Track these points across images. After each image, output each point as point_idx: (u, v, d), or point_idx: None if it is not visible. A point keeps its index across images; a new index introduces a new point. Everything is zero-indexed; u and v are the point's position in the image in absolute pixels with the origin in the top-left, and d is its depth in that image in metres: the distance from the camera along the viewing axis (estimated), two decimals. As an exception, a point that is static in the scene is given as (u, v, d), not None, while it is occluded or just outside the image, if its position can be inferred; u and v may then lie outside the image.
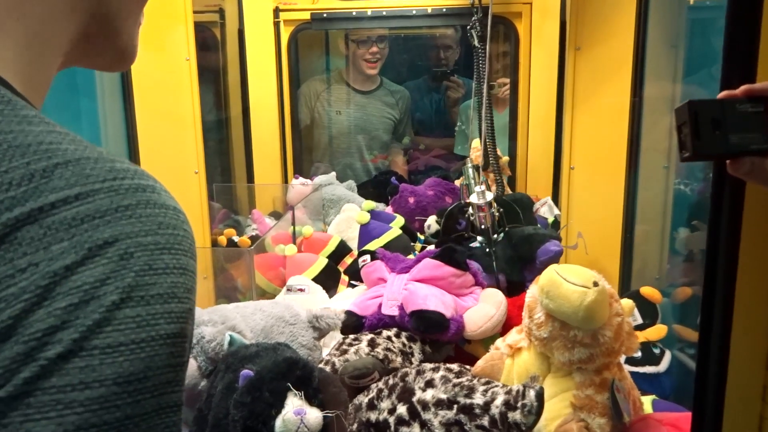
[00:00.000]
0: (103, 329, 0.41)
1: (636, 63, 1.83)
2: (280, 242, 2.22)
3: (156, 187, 0.47)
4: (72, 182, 0.43)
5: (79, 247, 0.41)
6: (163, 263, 0.44)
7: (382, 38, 3.19)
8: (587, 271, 1.17)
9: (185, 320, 0.46)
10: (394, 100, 3.36)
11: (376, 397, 1.27)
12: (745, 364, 0.90)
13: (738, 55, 0.81)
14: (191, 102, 2.07)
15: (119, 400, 0.41)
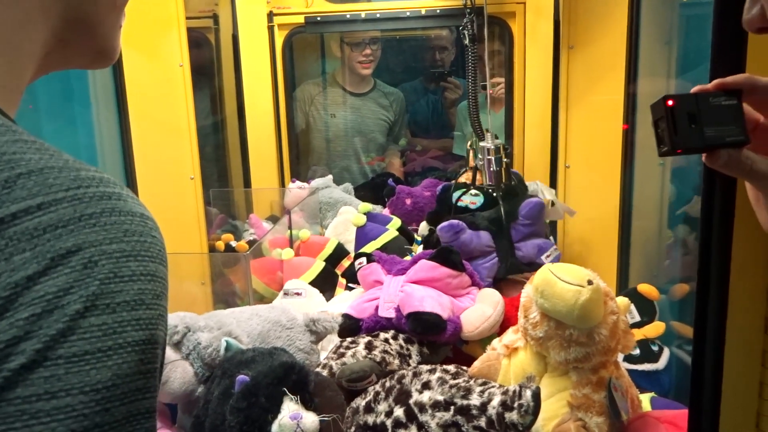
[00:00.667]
0: (67, 338, 0.41)
1: (629, 61, 1.83)
2: (278, 246, 2.22)
3: (122, 194, 0.47)
4: (34, 192, 0.43)
5: (42, 257, 0.41)
6: (129, 270, 0.44)
7: (375, 40, 3.20)
8: (582, 270, 1.17)
9: (155, 326, 0.45)
10: (388, 102, 3.36)
11: (373, 400, 1.27)
12: (741, 360, 0.89)
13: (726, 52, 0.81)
14: (186, 108, 2.07)
15: (87, 409, 0.40)
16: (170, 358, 1.32)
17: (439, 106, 3.63)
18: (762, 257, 0.87)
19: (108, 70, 1.99)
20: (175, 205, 2.10)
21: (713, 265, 0.87)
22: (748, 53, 0.79)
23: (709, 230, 0.87)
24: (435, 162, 3.52)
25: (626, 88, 1.84)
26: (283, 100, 3.05)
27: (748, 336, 0.89)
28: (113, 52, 0.61)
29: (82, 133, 2.02)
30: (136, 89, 2.00)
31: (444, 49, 3.51)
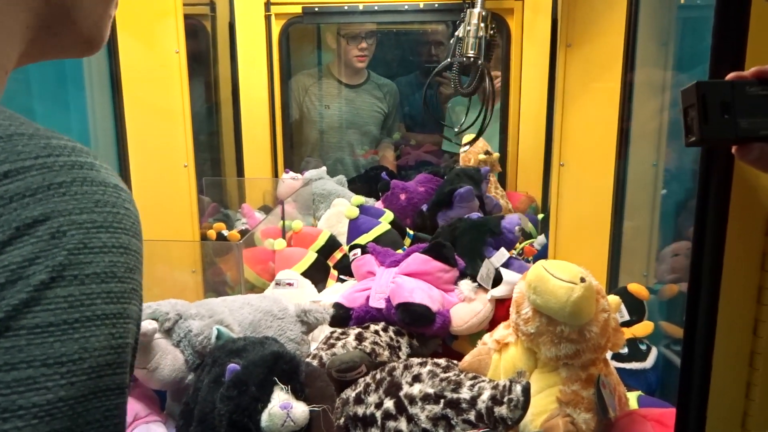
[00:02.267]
0: (31, 309, 0.40)
1: (626, 60, 1.83)
2: (270, 236, 2.22)
3: (95, 164, 0.46)
4: (1, 159, 0.41)
5: (7, 226, 0.40)
6: (100, 242, 0.43)
7: (371, 33, 3.20)
8: (574, 267, 1.18)
9: (127, 300, 0.44)
10: (382, 94, 3.36)
11: (364, 391, 1.27)
12: (730, 360, 0.90)
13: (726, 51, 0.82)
14: (181, 95, 2.05)
15: (50, 382, 0.39)
16: (161, 345, 1.32)
17: (434, 100, 3.63)
18: (753, 259, 0.88)
19: (103, 55, 1.98)
20: (168, 192, 2.09)
21: (705, 265, 0.88)
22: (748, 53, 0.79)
23: (702, 231, 0.88)
24: (429, 156, 3.52)
25: (623, 87, 1.84)
26: (278, 90, 3.04)
27: (738, 337, 0.90)
28: (99, 41, 0.59)
29: (76, 118, 2.01)
30: (132, 75, 1.98)
31: (440, 44, 3.51)
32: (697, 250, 0.88)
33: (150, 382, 1.34)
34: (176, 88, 2.05)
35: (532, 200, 2.83)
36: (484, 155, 2.77)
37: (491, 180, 2.68)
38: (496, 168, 2.86)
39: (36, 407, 0.39)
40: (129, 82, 1.98)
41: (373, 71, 3.38)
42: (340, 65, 3.31)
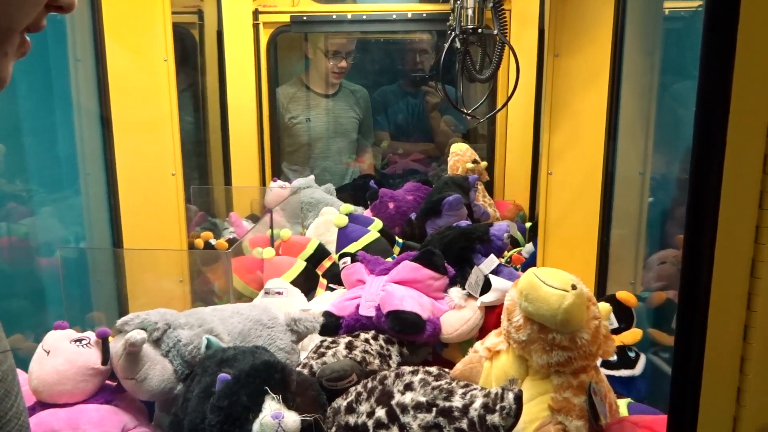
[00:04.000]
0: None
1: (613, 71, 1.85)
2: (258, 245, 2.21)
3: None
4: None
5: None
6: None
7: (351, 53, 3.25)
8: (566, 275, 1.18)
9: None
10: (355, 99, 3.42)
11: (355, 400, 1.26)
12: (721, 366, 0.91)
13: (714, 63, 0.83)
14: (169, 103, 2.04)
15: None
16: (149, 356, 1.31)
17: (420, 109, 3.65)
18: (743, 266, 0.88)
19: (91, 63, 1.97)
20: (156, 201, 2.08)
21: (696, 273, 0.89)
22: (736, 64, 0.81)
23: (693, 238, 0.88)
24: (416, 165, 3.54)
25: (609, 97, 1.86)
26: (266, 99, 3.04)
27: (728, 343, 0.91)
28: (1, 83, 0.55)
29: (62, 127, 1.99)
30: (119, 83, 1.97)
31: (424, 52, 3.53)
32: (688, 257, 0.89)
33: (138, 393, 1.32)
34: (164, 96, 2.04)
35: (520, 209, 2.84)
36: (472, 164, 2.78)
37: (479, 188, 2.69)
38: (484, 176, 2.88)
39: None
40: (117, 90, 1.96)
41: (356, 78, 3.42)
42: (315, 76, 3.33)
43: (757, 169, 0.84)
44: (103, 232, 2.05)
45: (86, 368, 1.28)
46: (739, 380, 0.92)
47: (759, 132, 0.83)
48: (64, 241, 2.04)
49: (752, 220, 0.87)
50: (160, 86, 2.04)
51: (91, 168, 2.02)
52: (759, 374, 0.90)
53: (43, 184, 1.97)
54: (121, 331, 1.33)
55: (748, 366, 0.91)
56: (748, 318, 0.90)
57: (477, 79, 2.17)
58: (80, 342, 1.31)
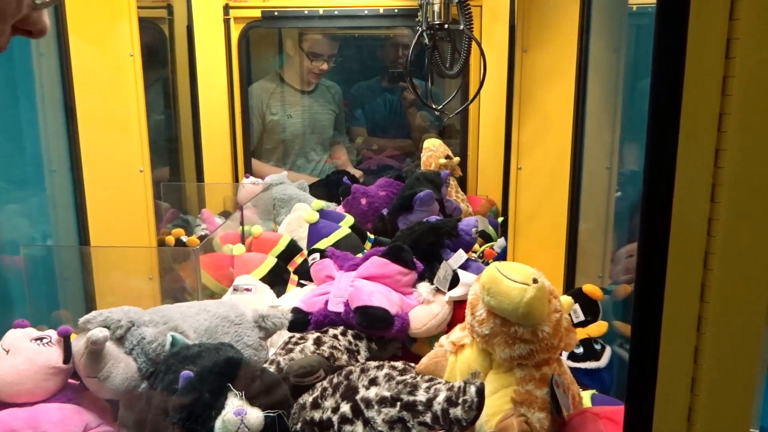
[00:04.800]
0: None
1: (579, 66, 1.87)
2: (229, 242, 2.19)
3: None
4: None
5: None
6: None
7: (333, 55, 3.24)
8: (527, 269, 1.19)
9: None
10: (331, 95, 3.42)
11: (320, 396, 1.27)
12: (675, 357, 0.93)
13: (666, 58, 0.84)
14: (136, 99, 2.02)
15: None
16: (112, 354, 1.29)
17: (397, 105, 3.65)
18: (696, 259, 0.90)
19: (54, 58, 1.93)
20: (124, 198, 2.05)
21: (650, 266, 0.90)
22: (687, 62, 0.82)
23: (647, 231, 0.90)
24: (391, 161, 3.54)
25: (576, 92, 1.88)
26: (238, 95, 3.01)
27: (682, 334, 0.92)
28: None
29: (27, 123, 1.96)
30: (84, 79, 1.94)
31: (402, 48, 3.53)
32: (642, 251, 0.90)
33: (101, 392, 1.31)
34: (131, 91, 2.01)
35: (493, 203, 2.86)
36: (445, 159, 2.79)
37: (452, 184, 2.70)
38: (457, 172, 2.89)
39: None
40: (82, 85, 1.93)
41: (331, 74, 3.41)
42: (292, 72, 3.32)
43: (708, 162, 0.86)
44: (70, 229, 2.02)
45: (47, 367, 1.27)
46: (693, 371, 0.94)
47: (710, 127, 0.84)
48: (31, 239, 2.01)
49: (705, 212, 0.89)
50: (127, 81, 2.01)
51: (56, 165, 1.99)
52: (712, 364, 0.92)
53: (7, 182, 1.93)
54: (84, 330, 1.31)
55: (701, 357, 0.93)
56: (701, 309, 0.92)
57: (446, 74, 2.17)
58: (41, 341, 1.29)
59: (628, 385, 0.95)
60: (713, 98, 0.82)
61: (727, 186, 0.84)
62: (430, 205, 2.33)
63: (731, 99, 0.81)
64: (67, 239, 2.02)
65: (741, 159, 0.82)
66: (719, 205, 0.86)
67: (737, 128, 0.81)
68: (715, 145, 0.84)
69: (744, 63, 0.79)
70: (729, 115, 0.82)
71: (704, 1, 0.81)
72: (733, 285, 0.87)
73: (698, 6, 0.81)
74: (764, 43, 0.78)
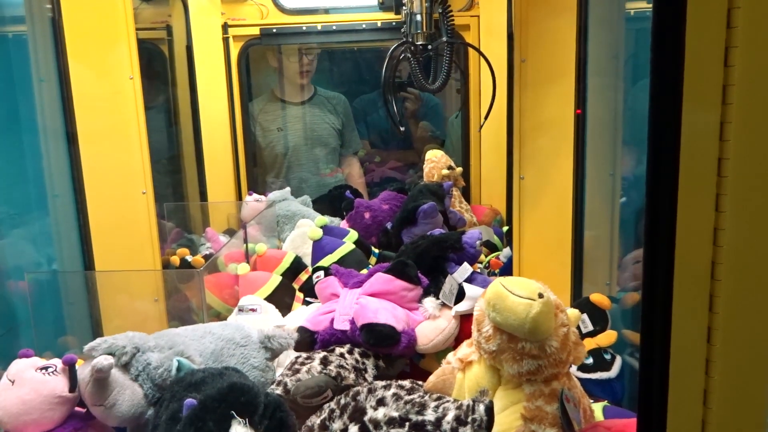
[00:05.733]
0: None
1: (578, 74, 1.86)
2: (234, 261, 2.19)
3: None
4: None
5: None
6: None
7: (311, 50, 3.22)
8: (532, 283, 1.18)
9: None
10: (332, 106, 3.36)
11: (328, 417, 1.25)
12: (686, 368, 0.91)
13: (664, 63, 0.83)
14: (136, 121, 2.02)
15: None
16: (118, 381, 1.28)
17: (400, 116, 3.65)
18: (704, 266, 0.89)
19: (54, 83, 1.94)
20: (127, 220, 2.05)
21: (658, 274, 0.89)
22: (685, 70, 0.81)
23: (653, 239, 0.89)
24: (394, 173, 3.53)
25: (576, 99, 1.87)
26: (239, 112, 3.02)
27: (692, 345, 0.91)
28: None
29: (29, 148, 1.97)
30: (85, 103, 1.95)
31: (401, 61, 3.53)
32: (649, 259, 0.89)
33: (108, 420, 1.30)
34: (131, 114, 2.02)
35: (497, 213, 2.85)
36: (447, 170, 2.78)
37: (455, 194, 2.70)
38: (460, 182, 2.88)
39: None
40: (82, 109, 1.94)
41: (332, 88, 3.39)
42: (286, 85, 3.31)
43: (711, 171, 0.85)
44: (74, 253, 2.02)
45: (53, 396, 1.26)
46: (705, 382, 0.92)
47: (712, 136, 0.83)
48: (35, 263, 2.01)
49: (710, 222, 0.87)
50: (127, 104, 2.02)
51: (59, 189, 2.00)
52: (723, 375, 0.91)
53: (11, 207, 1.94)
54: (90, 357, 1.31)
55: (712, 368, 0.91)
56: (710, 320, 0.90)
57: (427, 89, 2.17)
58: (46, 370, 1.28)
59: (640, 400, 0.93)
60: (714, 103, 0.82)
61: (731, 195, 0.83)
62: (433, 217, 2.32)
63: (731, 107, 0.80)
64: (71, 263, 2.02)
65: (744, 168, 0.81)
66: (724, 215, 0.85)
67: (738, 136, 0.80)
68: (718, 154, 0.83)
69: (743, 71, 0.79)
70: (730, 123, 0.81)
71: (701, 9, 0.80)
72: (743, 294, 0.86)
73: (695, 14, 0.81)
74: (763, 51, 0.78)
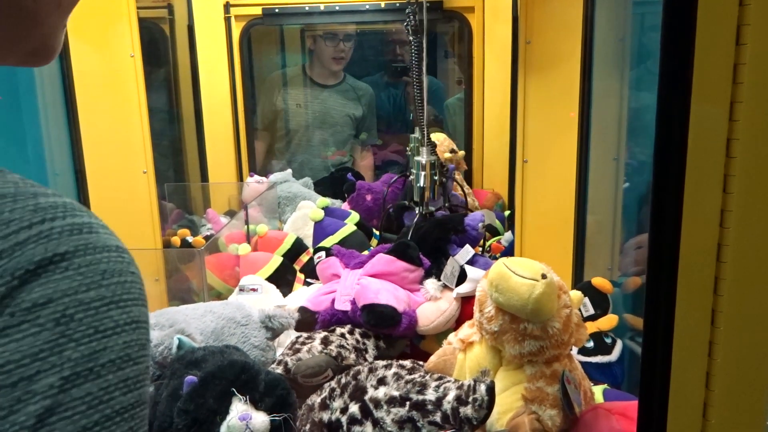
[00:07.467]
0: (45, 422, 0.33)
1: (584, 56, 1.84)
2: (234, 241, 2.18)
3: (93, 224, 0.39)
4: None
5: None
6: (112, 321, 0.37)
7: (350, 36, 3.17)
8: (536, 264, 1.17)
9: (142, 383, 0.39)
10: (356, 96, 3.31)
11: (329, 396, 1.25)
12: (689, 351, 0.91)
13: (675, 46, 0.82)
14: (137, 100, 2.01)
15: None
16: (118, 358, 1.28)
17: (401, 100, 3.63)
18: (709, 251, 0.88)
19: (54, 62, 1.92)
20: (128, 200, 2.04)
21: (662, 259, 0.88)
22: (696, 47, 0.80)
23: (658, 225, 0.88)
24: (395, 156, 3.52)
25: (581, 83, 1.85)
26: (240, 93, 3.00)
27: (696, 328, 0.90)
28: (53, 52, 0.53)
29: (29, 127, 1.95)
30: (85, 81, 1.93)
31: (405, 43, 3.50)
32: (654, 243, 0.88)
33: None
34: (132, 93, 2.00)
35: (499, 197, 2.84)
36: (450, 153, 2.76)
37: (457, 178, 2.68)
38: (462, 166, 2.87)
39: None
40: (83, 88, 1.93)
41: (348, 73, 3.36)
42: (315, 65, 3.27)
43: (720, 152, 0.84)
44: (75, 233, 2.01)
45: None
46: (708, 365, 0.92)
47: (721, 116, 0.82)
48: (35, 243, 2.00)
49: (717, 203, 0.86)
50: (128, 83, 2.00)
51: (59, 168, 1.99)
52: (726, 358, 0.90)
53: (11, 186, 1.93)
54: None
55: (715, 351, 0.91)
56: (714, 302, 0.90)
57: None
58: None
59: (642, 382, 0.93)
60: (724, 85, 0.80)
61: (740, 176, 0.82)
62: (435, 200, 2.31)
63: (742, 87, 0.79)
64: (72, 243, 2.02)
65: (753, 148, 0.80)
66: (732, 196, 0.84)
67: (749, 117, 0.79)
68: (727, 135, 0.82)
69: (756, 49, 0.77)
70: (741, 103, 0.79)
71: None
72: (748, 277, 0.85)
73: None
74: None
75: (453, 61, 3.50)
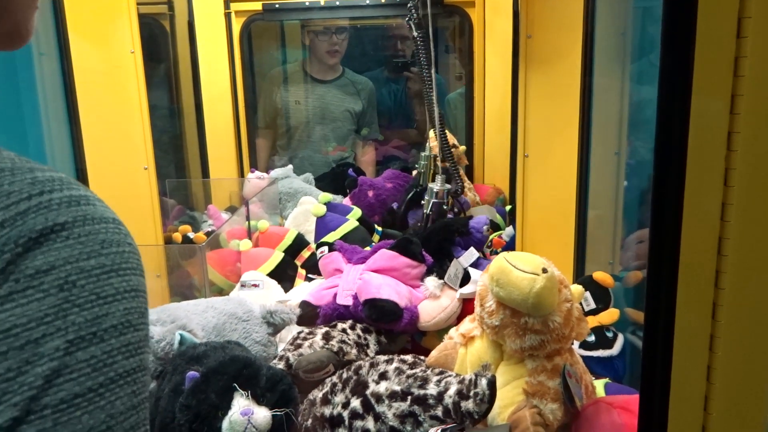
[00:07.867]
0: (52, 383, 0.34)
1: (585, 51, 1.83)
2: (236, 237, 2.19)
3: (89, 197, 0.41)
4: None
5: (3, 280, 0.35)
6: (113, 288, 0.38)
7: (342, 29, 3.15)
8: (536, 258, 1.17)
9: (143, 350, 0.40)
10: (356, 90, 3.30)
11: (330, 391, 1.26)
12: (690, 345, 0.91)
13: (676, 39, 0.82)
14: (138, 96, 2.01)
15: None
16: (120, 354, 1.29)
17: (402, 95, 3.62)
18: (710, 245, 0.88)
19: (55, 58, 1.92)
20: (129, 196, 2.05)
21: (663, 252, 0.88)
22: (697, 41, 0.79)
23: (659, 218, 0.88)
24: (397, 152, 3.51)
25: (583, 78, 1.85)
26: (241, 89, 2.99)
27: (697, 321, 0.90)
28: (26, 35, 0.53)
29: (29, 124, 1.95)
30: (86, 77, 1.93)
31: (406, 38, 3.49)
32: (654, 237, 0.88)
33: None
34: (133, 89, 2.00)
35: (500, 192, 2.83)
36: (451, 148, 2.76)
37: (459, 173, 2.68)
38: (463, 161, 2.86)
39: None
40: (83, 84, 1.92)
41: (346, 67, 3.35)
42: (313, 61, 3.26)
43: (721, 145, 0.84)
44: (76, 229, 2.01)
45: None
46: (709, 359, 0.92)
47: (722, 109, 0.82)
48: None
49: (718, 197, 0.86)
50: (128, 79, 2.00)
51: (60, 165, 1.99)
52: (727, 352, 0.90)
53: (12, 183, 1.93)
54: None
55: (716, 344, 0.91)
56: (715, 296, 0.90)
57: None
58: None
59: (643, 375, 0.93)
60: (725, 79, 0.80)
61: (741, 170, 0.82)
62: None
63: (743, 80, 0.79)
64: (73, 239, 2.02)
65: (754, 142, 0.80)
66: (733, 189, 0.84)
67: (750, 110, 0.79)
68: (728, 128, 0.82)
69: (756, 42, 0.77)
70: (742, 96, 0.79)
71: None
72: (749, 270, 0.85)
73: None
74: (777, 21, 0.76)
75: (454, 55, 3.50)
